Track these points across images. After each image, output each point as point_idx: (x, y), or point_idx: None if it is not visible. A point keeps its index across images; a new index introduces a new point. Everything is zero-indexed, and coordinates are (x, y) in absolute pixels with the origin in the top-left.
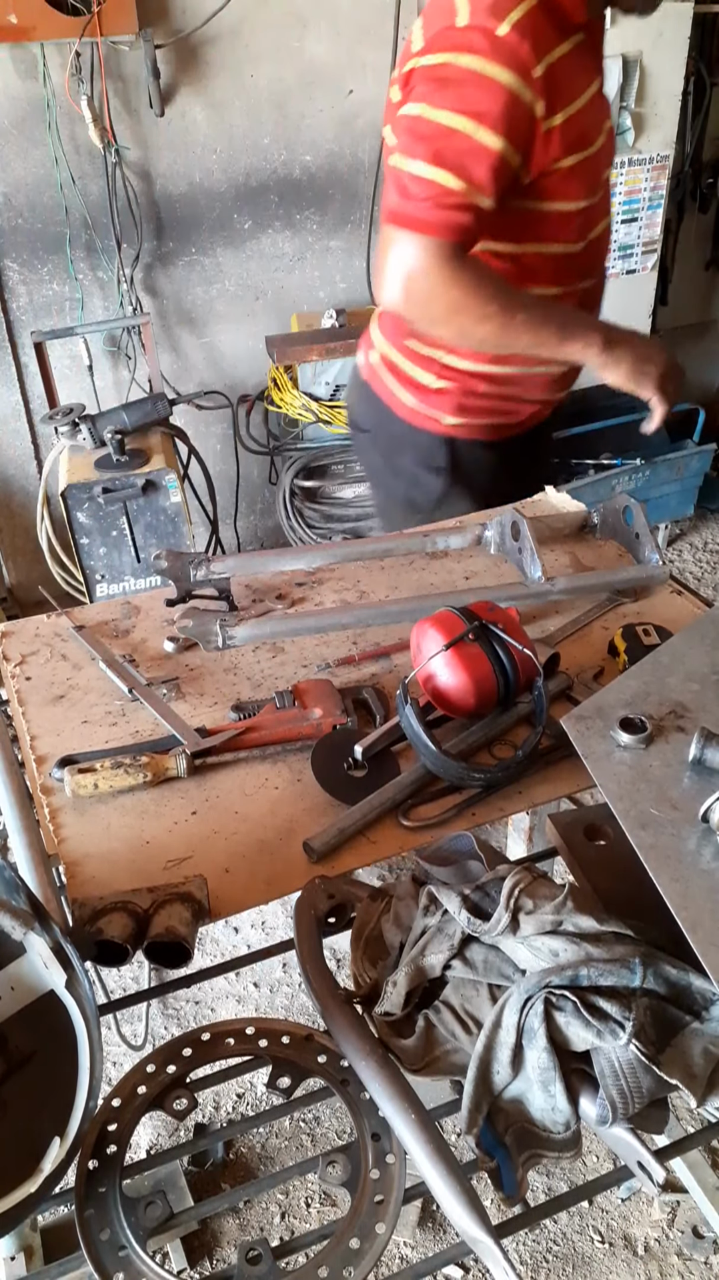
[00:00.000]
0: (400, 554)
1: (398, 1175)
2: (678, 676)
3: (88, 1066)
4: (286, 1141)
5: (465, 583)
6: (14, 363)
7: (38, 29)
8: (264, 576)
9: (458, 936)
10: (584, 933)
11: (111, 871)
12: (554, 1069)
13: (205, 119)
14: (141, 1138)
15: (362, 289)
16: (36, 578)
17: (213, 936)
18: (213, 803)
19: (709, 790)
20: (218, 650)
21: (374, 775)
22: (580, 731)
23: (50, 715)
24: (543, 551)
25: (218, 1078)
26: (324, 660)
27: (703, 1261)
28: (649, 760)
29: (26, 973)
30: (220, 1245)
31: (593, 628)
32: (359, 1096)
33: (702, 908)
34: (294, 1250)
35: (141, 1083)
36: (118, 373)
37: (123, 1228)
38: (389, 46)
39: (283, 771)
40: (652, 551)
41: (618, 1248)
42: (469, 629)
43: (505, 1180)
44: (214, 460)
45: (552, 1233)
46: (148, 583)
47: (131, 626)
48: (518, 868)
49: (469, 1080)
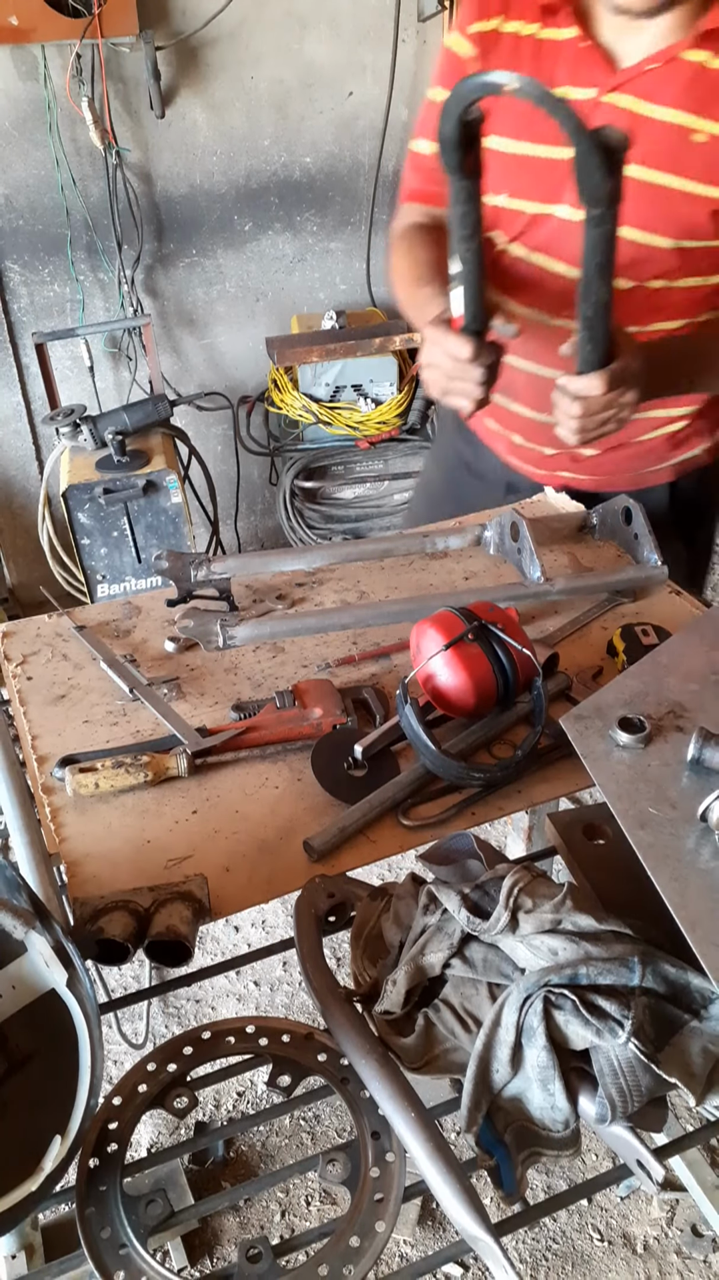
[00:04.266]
0: (400, 554)
1: (398, 1173)
2: (677, 676)
3: (89, 1065)
4: (287, 1140)
5: (465, 583)
6: (15, 364)
7: (38, 30)
8: (264, 577)
9: (457, 935)
10: (583, 931)
11: (112, 871)
12: (553, 1067)
13: (205, 120)
14: (142, 1136)
15: (361, 290)
16: (38, 578)
17: (213, 935)
18: (213, 802)
19: (708, 790)
20: (218, 650)
21: (374, 775)
22: (579, 731)
23: (51, 715)
24: (542, 552)
25: (218, 1076)
26: (324, 660)
27: (702, 1260)
28: (648, 760)
29: (27, 972)
30: (221, 1243)
31: (592, 628)
32: (359, 1095)
33: (700, 906)
34: (294, 1248)
35: (142, 1081)
36: (119, 374)
37: (123, 1226)
38: (389, 48)
39: (283, 771)
40: (650, 552)
41: (617, 1246)
42: (469, 629)
43: (505, 1178)
44: (214, 461)
45: (551, 1231)
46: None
47: (132, 627)
48: (517, 867)
49: (468, 1079)
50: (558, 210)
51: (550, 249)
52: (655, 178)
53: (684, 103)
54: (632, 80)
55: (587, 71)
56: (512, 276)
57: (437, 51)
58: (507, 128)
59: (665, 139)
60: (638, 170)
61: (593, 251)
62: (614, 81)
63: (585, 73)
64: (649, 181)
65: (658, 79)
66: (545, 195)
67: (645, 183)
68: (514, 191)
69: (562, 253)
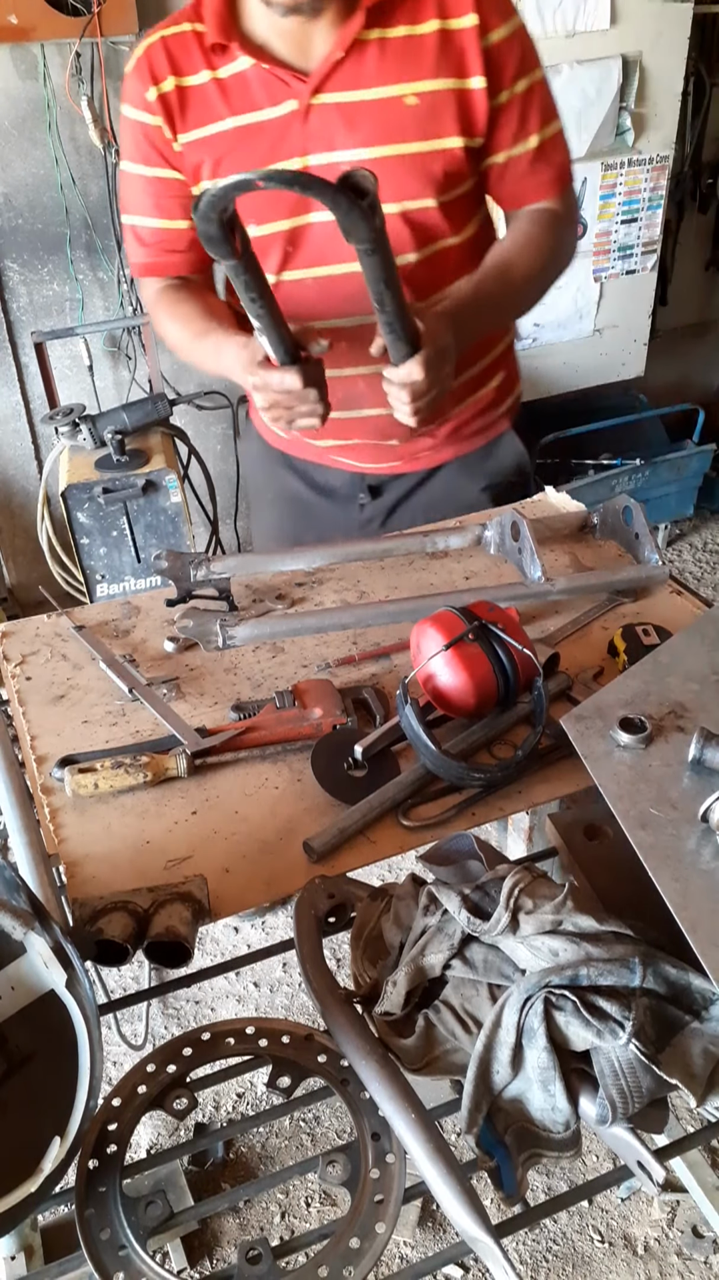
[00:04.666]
0: (400, 554)
1: (398, 1175)
2: (677, 676)
3: (88, 1066)
4: (286, 1141)
5: (465, 583)
6: (14, 363)
7: (38, 29)
8: (264, 576)
9: (458, 936)
10: (584, 932)
11: (112, 871)
12: (554, 1068)
13: None
14: (142, 1137)
15: None
16: (37, 578)
17: (213, 936)
18: (213, 803)
19: (709, 790)
20: (218, 650)
21: (374, 775)
22: (580, 731)
23: (50, 715)
24: (543, 552)
25: (218, 1077)
26: (324, 660)
27: (703, 1261)
28: (649, 760)
29: (27, 973)
30: (220, 1245)
31: (593, 628)
32: (359, 1096)
33: (701, 907)
34: (294, 1250)
35: (142, 1082)
36: (118, 373)
37: (123, 1227)
38: None
39: (283, 771)
40: (651, 552)
41: (618, 1247)
42: (469, 629)
43: (505, 1180)
44: (214, 460)
45: (551, 1232)
46: (148, 583)
47: (132, 626)
48: (518, 867)
49: (469, 1080)
50: (310, 218)
51: (321, 258)
52: (393, 150)
53: (384, 76)
54: (327, 77)
55: (279, 89)
56: (298, 300)
57: None
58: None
59: (384, 114)
60: (377, 151)
61: (375, 274)
62: (311, 86)
63: (279, 91)
64: (390, 156)
65: (351, 67)
66: (292, 209)
67: (388, 158)
68: (260, 219)
69: (332, 255)
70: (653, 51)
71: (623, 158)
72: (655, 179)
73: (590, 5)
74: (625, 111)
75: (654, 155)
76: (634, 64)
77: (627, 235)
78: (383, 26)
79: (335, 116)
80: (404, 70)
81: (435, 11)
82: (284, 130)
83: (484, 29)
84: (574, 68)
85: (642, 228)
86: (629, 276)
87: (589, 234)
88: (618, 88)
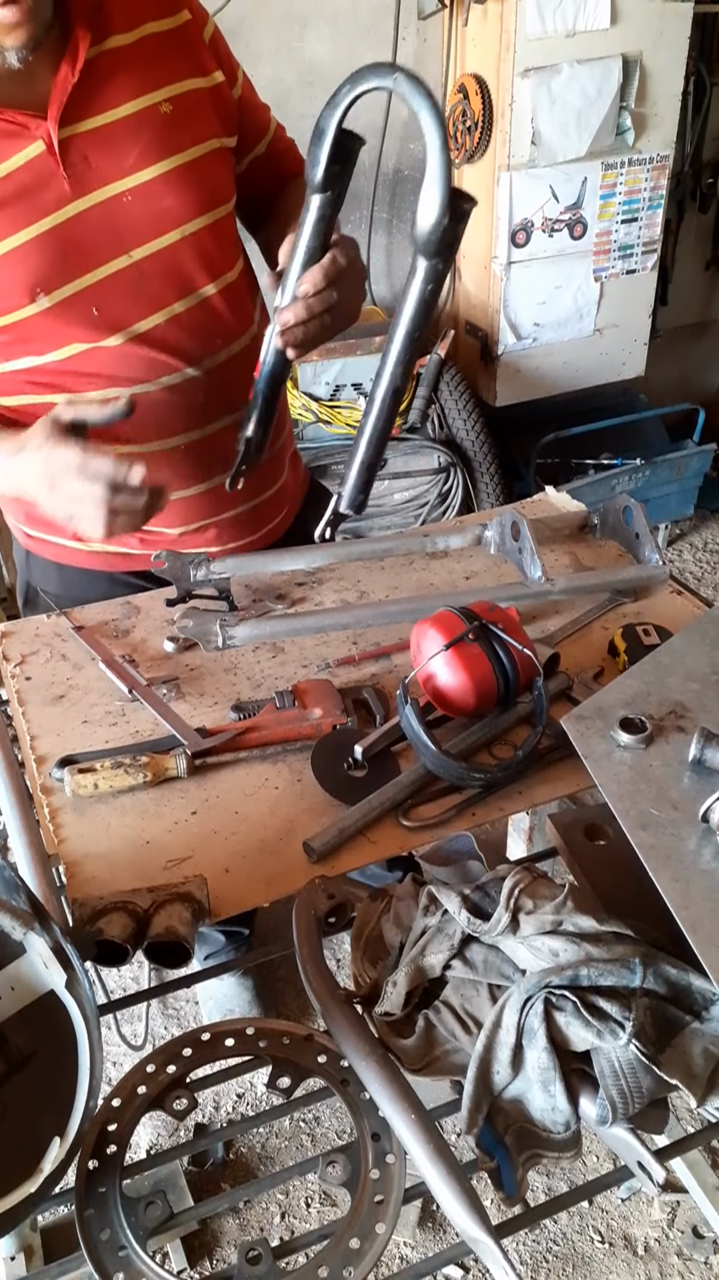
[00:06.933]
0: (400, 554)
1: (398, 1175)
2: (678, 676)
3: (88, 1066)
4: (286, 1141)
5: (465, 583)
6: None
7: None
8: (264, 576)
9: (458, 936)
10: (584, 933)
11: (111, 871)
12: (554, 1069)
13: None
14: (141, 1138)
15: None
16: None
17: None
18: (213, 803)
19: (709, 790)
20: (218, 650)
21: (374, 775)
22: (580, 731)
23: (50, 715)
24: (543, 551)
25: (218, 1078)
26: (324, 660)
27: (703, 1261)
28: (649, 760)
29: (26, 973)
30: (220, 1245)
31: (593, 628)
32: (359, 1096)
33: (702, 908)
34: (294, 1250)
35: (141, 1083)
36: None
37: (123, 1228)
38: (389, 46)
39: (283, 771)
40: (652, 551)
41: (618, 1248)
42: (469, 629)
43: (505, 1180)
44: None
45: (552, 1233)
46: None
47: (131, 627)
48: (518, 868)
49: (469, 1080)
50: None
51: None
52: (171, 163)
53: (131, 89)
54: (69, 107)
55: (19, 138)
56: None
57: (437, 49)
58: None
59: (146, 127)
60: (158, 168)
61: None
62: (54, 119)
63: (20, 139)
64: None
65: (92, 88)
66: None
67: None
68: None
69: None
70: (653, 51)
71: (623, 157)
72: (656, 178)
73: (590, 5)
74: (626, 111)
75: (654, 155)
76: (634, 64)
77: (627, 235)
78: (109, 35)
79: (95, 144)
80: (147, 78)
81: (154, 13)
82: (40, 176)
83: (199, 23)
84: (574, 67)
85: (642, 227)
86: (629, 276)
87: (589, 233)
88: (618, 87)
